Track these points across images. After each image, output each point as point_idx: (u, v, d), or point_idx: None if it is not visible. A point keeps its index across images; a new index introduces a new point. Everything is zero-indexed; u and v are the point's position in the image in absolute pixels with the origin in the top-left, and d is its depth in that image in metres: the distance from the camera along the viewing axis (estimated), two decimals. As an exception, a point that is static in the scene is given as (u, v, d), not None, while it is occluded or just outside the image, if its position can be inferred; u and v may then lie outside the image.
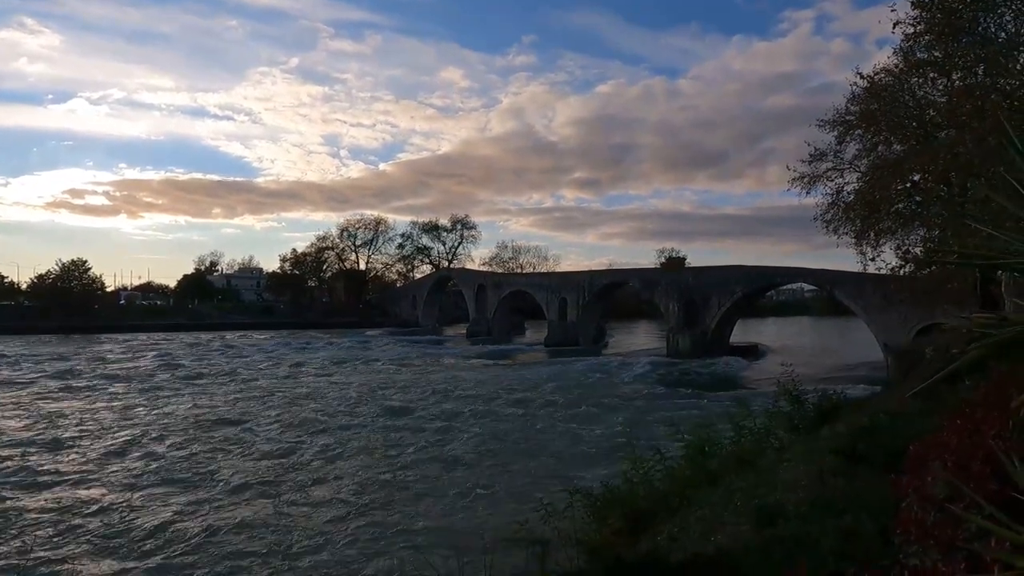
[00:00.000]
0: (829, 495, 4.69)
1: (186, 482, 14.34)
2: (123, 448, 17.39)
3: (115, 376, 32.31)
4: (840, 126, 20.09)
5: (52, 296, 67.09)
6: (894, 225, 19.12)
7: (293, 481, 14.44)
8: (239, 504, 12.86)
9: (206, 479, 14.59)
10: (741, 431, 8.77)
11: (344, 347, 50.71)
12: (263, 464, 15.84)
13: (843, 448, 5.75)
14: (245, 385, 30.12)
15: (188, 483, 14.27)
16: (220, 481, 14.36)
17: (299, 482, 14.35)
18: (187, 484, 14.18)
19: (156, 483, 14.25)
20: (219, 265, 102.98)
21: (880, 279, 28.75)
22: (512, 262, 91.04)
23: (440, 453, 16.93)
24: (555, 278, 60.84)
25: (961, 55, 14.42)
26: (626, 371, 35.47)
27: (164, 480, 14.46)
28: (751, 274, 43.77)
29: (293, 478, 14.67)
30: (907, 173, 17.62)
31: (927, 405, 5.97)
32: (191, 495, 13.39)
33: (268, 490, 13.78)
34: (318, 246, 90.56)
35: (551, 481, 13.55)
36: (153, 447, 17.54)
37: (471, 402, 24.75)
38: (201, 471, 15.20)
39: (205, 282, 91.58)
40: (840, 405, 9.75)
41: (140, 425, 20.50)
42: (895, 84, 17.58)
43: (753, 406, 10.85)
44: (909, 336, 29.50)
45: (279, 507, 12.69)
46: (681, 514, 5.96)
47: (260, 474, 14.94)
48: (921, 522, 1.82)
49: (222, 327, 68.72)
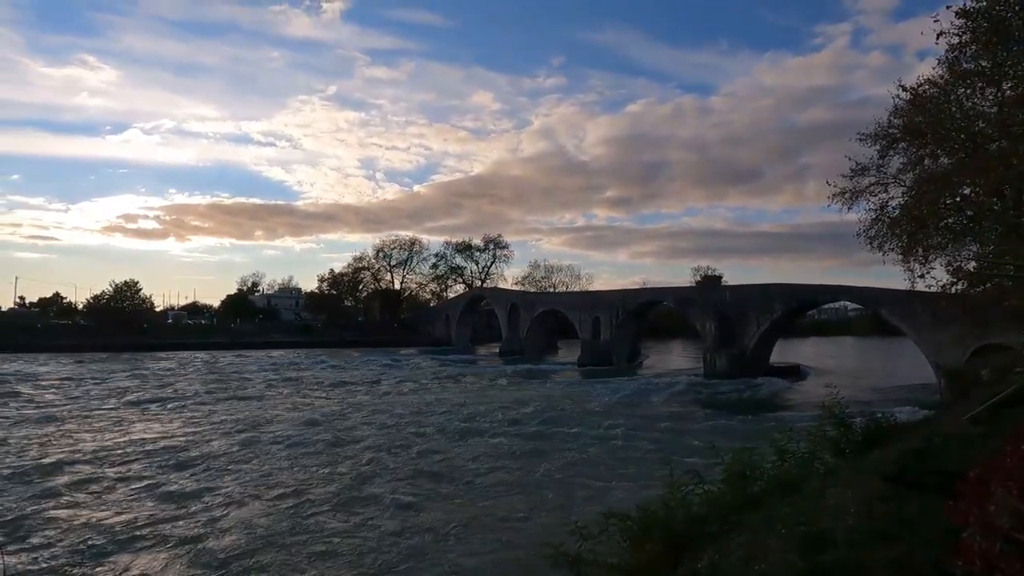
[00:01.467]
0: (879, 522, 4.45)
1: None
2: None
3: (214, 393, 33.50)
4: (882, 139, 19.49)
5: (105, 315, 70.38)
6: (944, 240, 18.34)
7: (318, 499, 14.56)
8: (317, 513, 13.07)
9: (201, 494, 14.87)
10: (784, 455, 8.44)
11: (380, 365, 51.40)
12: (291, 476, 16.07)
13: (894, 472, 5.47)
14: (286, 401, 30.77)
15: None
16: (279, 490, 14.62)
17: (326, 500, 14.47)
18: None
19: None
20: (260, 285, 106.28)
21: (929, 297, 27.47)
22: (545, 281, 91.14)
23: (473, 474, 16.85)
24: (588, 297, 60.45)
25: (1012, 64, 13.87)
26: (661, 391, 34.75)
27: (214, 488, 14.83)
28: (791, 292, 42.51)
29: (319, 495, 14.79)
30: (956, 187, 16.94)
31: (986, 429, 5.65)
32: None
33: (282, 505, 13.95)
34: (354, 266, 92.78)
35: (586, 503, 13.31)
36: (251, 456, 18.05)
37: (503, 423, 24.61)
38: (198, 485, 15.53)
39: (247, 302, 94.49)
40: (890, 428, 9.29)
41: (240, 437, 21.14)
42: (940, 96, 17.01)
43: (795, 429, 10.46)
44: (964, 356, 28.06)
45: (295, 528, 12.81)
46: (722, 540, 5.75)
47: (282, 486, 15.15)
48: (986, 553, 1.71)
49: (263, 346, 70.63)
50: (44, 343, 62.41)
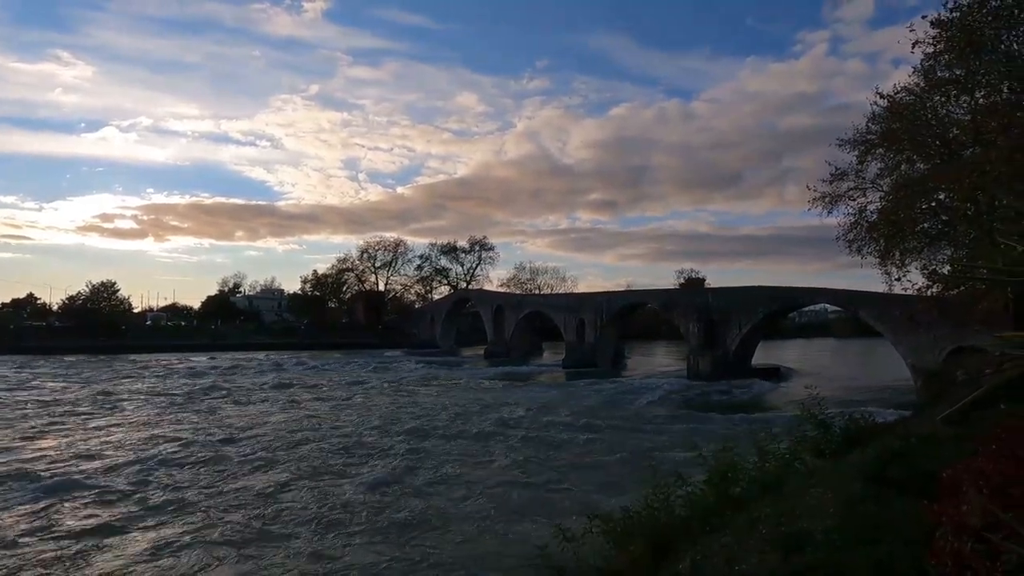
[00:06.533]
0: (859, 523, 4.52)
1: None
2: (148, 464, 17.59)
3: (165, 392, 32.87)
4: (861, 145, 19.89)
5: (82, 317, 68.88)
6: (920, 244, 18.75)
7: (302, 505, 14.39)
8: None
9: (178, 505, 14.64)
10: (765, 456, 8.53)
11: (363, 367, 50.99)
12: (272, 478, 15.86)
13: (873, 473, 5.57)
14: (271, 405, 30.38)
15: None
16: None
17: (314, 506, 14.30)
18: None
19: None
20: (242, 287, 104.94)
21: (907, 299, 28.07)
22: (530, 283, 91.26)
23: (457, 477, 16.77)
24: (573, 299, 60.61)
25: (984, 73, 14.25)
26: (645, 393, 34.92)
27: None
28: (773, 294, 43.09)
29: (301, 502, 14.60)
30: (932, 192, 17.34)
31: (960, 430, 5.77)
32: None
33: (262, 511, 13.77)
34: (338, 267, 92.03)
35: (570, 505, 13.32)
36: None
37: (488, 424, 24.54)
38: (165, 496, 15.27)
39: (228, 303, 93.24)
40: (868, 429, 9.45)
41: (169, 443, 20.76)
42: (916, 103, 17.41)
43: (777, 430, 10.57)
44: (939, 358, 28.67)
45: (264, 538, 12.64)
46: (704, 541, 5.79)
47: (271, 490, 14.95)
48: (957, 553, 1.74)
49: (244, 347, 69.64)
50: (16, 344, 60.97)
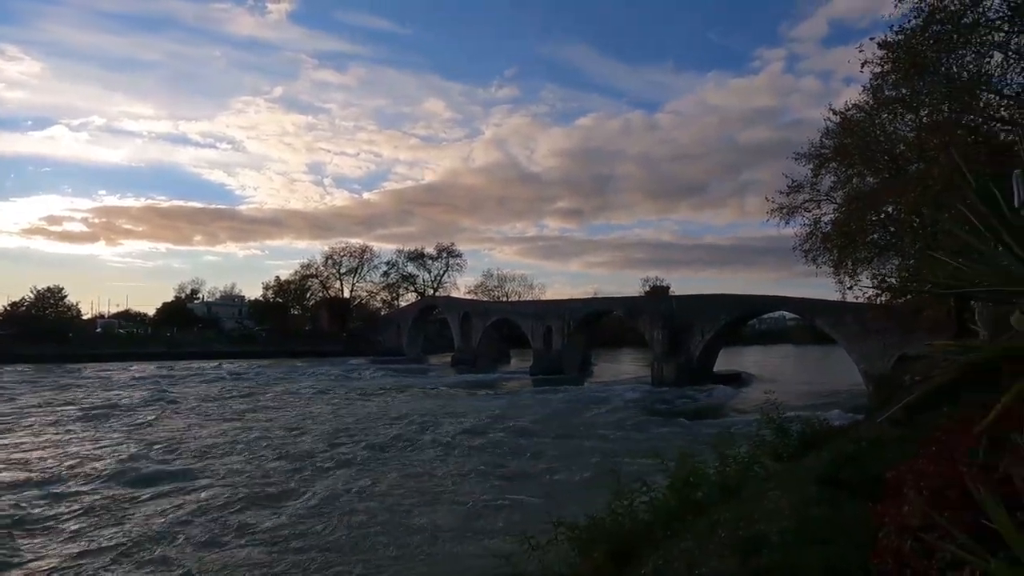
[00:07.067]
0: (813, 524, 4.67)
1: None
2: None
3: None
4: (815, 159, 20.73)
5: (25, 324, 65.42)
6: (870, 255, 19.58)
7: (254, 519, 13.99)
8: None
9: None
10: (726, 460, 8.73)
11: (325, 376, 49.93)
12: (225, 493, 15.37)
13: (826, 476, 5.76)
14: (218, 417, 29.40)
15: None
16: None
17: (268, 519, 13.91)
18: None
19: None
20: (200, 293, 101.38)
21: (859, 308, 29.28)
22: (498, 290, 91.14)
23: (419, 487, 16.57)
24: (540, 306, 60.91)
25: (928, 92, 15.04)
26: (611, 400, 35.30)
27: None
28: (735, 302, 44.28)
29: (250, 518, 14.18)
30: (880, 205, 18.16)
31: (904, 431, 6.03)
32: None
33: (217, 529, 13.34)
34: (302, 274, 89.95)
35: (535, 513, 13.29)
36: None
37: (452, 433, 24.35)
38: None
39: (185, 310, 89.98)
40: (824, 432, 9.79)
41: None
42: (866, 120, 18.26)
43: (738, 434, 10.83)
44: (889, 364, 29.90)
45: (224, 547, 12.27)
46: (665, 546, 5.88)
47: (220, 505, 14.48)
48: (897, 552, 1.82)
49: (202, 356, 67.23)
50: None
